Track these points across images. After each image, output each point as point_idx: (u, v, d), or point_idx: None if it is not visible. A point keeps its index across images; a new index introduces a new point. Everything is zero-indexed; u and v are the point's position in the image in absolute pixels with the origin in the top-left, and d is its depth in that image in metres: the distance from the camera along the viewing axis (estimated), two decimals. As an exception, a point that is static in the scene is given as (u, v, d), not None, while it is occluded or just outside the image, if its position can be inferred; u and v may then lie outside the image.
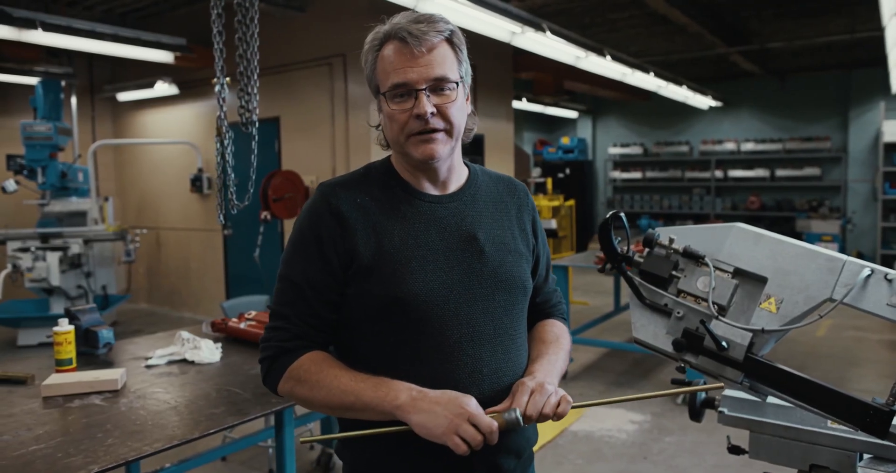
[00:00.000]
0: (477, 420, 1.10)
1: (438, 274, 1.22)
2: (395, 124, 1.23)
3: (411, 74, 1.19)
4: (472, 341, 1.22)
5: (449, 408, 1.10)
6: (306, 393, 1.21)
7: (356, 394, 1.16)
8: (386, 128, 1.27)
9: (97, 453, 1.56)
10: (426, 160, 1.23)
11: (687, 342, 1.29)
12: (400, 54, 1.20)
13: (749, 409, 1.46)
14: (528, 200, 1.44)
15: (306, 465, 3.54)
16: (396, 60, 1.20)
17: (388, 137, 1.28)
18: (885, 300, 1.15)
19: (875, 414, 1.12)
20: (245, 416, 1.84)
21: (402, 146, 1.24)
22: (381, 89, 1.24)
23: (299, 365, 1.22)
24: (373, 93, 1.29)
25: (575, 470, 3.51)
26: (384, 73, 1.22)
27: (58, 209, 6.51)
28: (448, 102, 1.22)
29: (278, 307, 1.26)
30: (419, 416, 1.11)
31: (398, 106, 1.21)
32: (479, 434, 1.09)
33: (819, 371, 5.15)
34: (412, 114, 1.20)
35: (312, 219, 1.25)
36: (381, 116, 1.30)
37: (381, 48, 1.24)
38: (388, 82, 1.21)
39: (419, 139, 1.22)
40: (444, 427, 1.09)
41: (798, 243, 1.25)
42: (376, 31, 1.25)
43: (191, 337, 2.50)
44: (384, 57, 1.23)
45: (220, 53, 2.65)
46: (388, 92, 1.22)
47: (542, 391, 1.18)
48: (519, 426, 1.14)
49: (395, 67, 1.20)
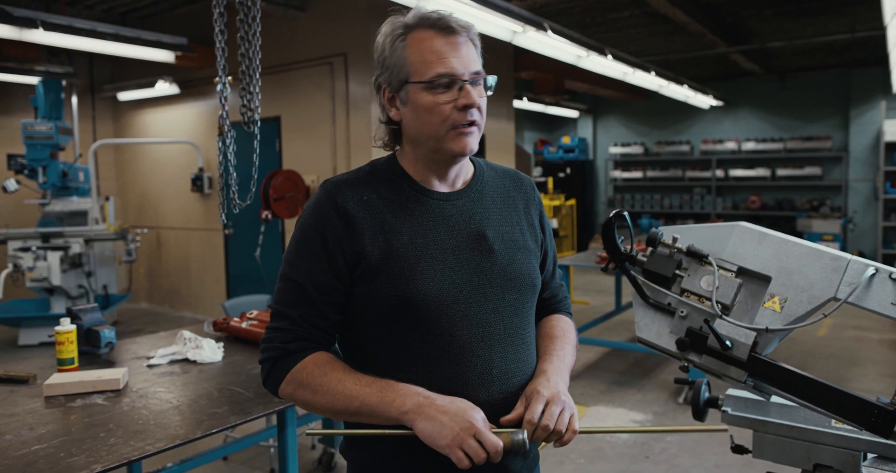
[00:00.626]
0: (482, 437, 1.07)
1: (448, 274, 1.20)
2: (435, 116, 1.18)
3: (457, 64, 1.16)
4: (482, 342, 1.20)
5: (456, 420, 1.07)
6: (309, 398, 1.18)
7: (361, 399, 1.13)
8: (415, 121, 1.21)
9: (99, 452, 1.56)
10: (462, 154, 1.21)
11: (690, 342, 1.29)
12: (442, 43, 1.17)
13: (753, 408, 1.45)
14: (534, 194, 1.41)
15: (308, 464, 3.54)
16: (440, 49, 1.16)
17: (421, 131, 1.21)
18: (889, 299, 1.14)
19: (880, 414, 1.12)
20: (247, 416, 1.84)
21: (438, 140, 1.20)
22: (413, 78, 1.18)
23: (302, 368, 1.18)
24: (393, 83, 1.21)
25: (577, 470, 3.51)
26: (422, 61, 1.17)
27: (58, 209, 6.50)
28: (483, 97, 1.20)
29: (281, 307, 1.22)
30: (425, 423, 1.08)
31: (443, 96, 1.17)
32: (483, 451, 1.06)
33: (820, 371, 5.15)
34: (456, 105, 1.17)
35: (317, 218, 1.21)
36: (395, 111, 1.23)
37: (407, 36, 1.18)
38: (429, 71, 1.16)
39: (458, 132, 1.19)
40: (448, 439, 1.06)
41: (802, 243, 1.25)
42: (395, 20, 1.21)
43: (193, 337, 2.50)
44: (420, 44, 1.17)
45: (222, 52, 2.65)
46: (428, 81, 1.16)
47: (558, 401, 1.16)
48: (525, 449, 1.11)
49: (438, 56, 1.16)
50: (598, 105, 13.23)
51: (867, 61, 9.97)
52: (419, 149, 1.24)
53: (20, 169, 6.27)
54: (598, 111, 13.38)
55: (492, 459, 1.08)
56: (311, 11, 6.15)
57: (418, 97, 1.18)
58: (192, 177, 7.32)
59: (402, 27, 1.19)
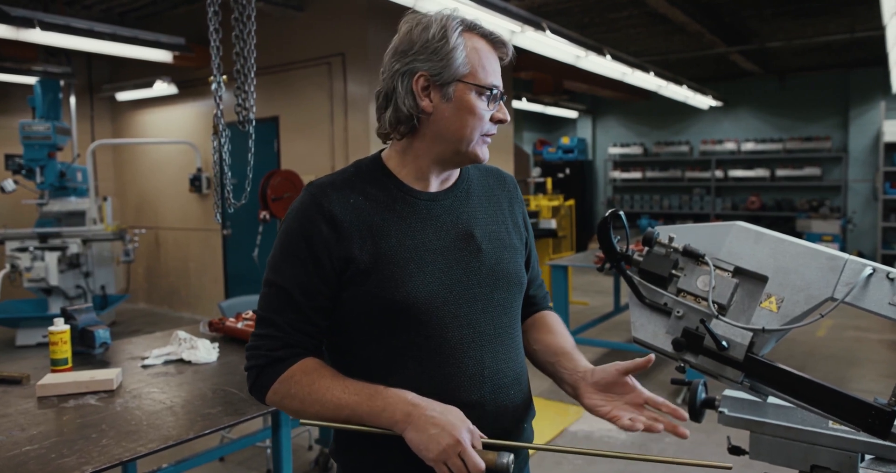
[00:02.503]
0: (466, 456, 1.06)
1: (437, 275, 1.19)
2: (476, 121, 1.20)
3: (499, 80, 1.22)
4: (472, 342, 1.20)
5: (444, 436, 1.06)
6: (298, 407, 1.16)
7: (351, 408, 1.12)
8: (455, 119, 1.19)
9: (91, 453, 1.55)
10: (481, 161, 1.26)
11: (687, 342, 1.28)
12: (492, 57, 1.22)
13: (749, 409, 1.44)
14: (517, 192, 1.42)
15: (304, 465, 3.53)
16: (492, 61, 1.22)
17: (454, 130, 1.19)
18: (886, 299, 1.13)
19: (877, 415, 1.11)
20: (241, 416, 1.82)
21: (466, 143, 1.21)
22: (468, 79, 1.18)
23: (290, 377, 1.16)
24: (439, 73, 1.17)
25: (574, 470, 3.50)
26: (482, 67, 1.19)
27: (56, 209, 6.49)
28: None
29: (266, 313, 1.20)
30: (413, 434, 1.08)
31: (490, 105, 1.21)
32: (465, 470, 1.06)
33: (819, 371, 5.14)
34: (493, 117, 1.22)
35: (302, 222, 1.18)
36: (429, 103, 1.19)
37: (464, 35, 1.19)
38: (486, 78, 1.19)
39: (483, 141, 1.23)
40: (434, 453, 1.06)
41: (799, 242, 1.24)
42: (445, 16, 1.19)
43: (188, 337, 2.49)
44: (479, 49, 1.20)
45: (217, 51, 2.64)
46: (485, 86, 1.19)
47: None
48: (508, 472, 1.10)
49: (492, 68, 1.21)
50: (597, 105, 13.22)
51: (867, 61, 9.97)
52: (440, 146, 1.22)
53: (18, 169, 6.26)
54: (597, 112, 13.37)
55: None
56: (309, 11, 6.14)
57: (468, 97, 1.18)
58: (191, 177, 7.31)
59: (461, 24, 1.19)
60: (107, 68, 8.23)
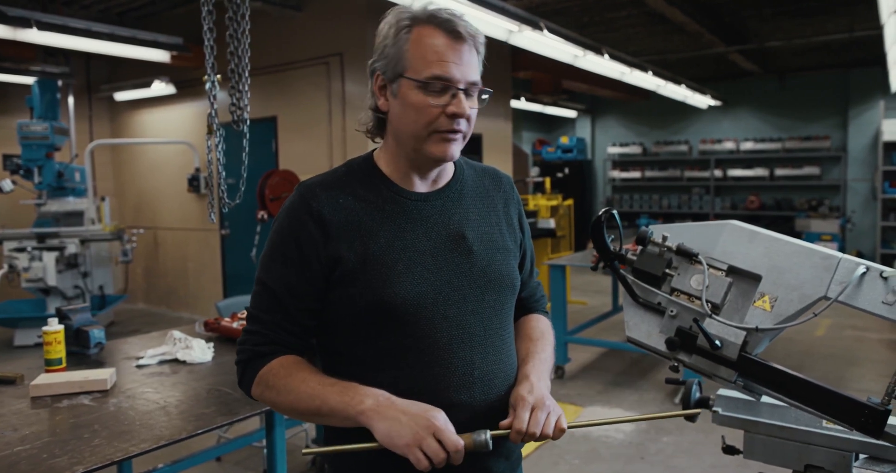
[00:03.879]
0: (443, 436, 1.05)
1: (426, 276, 1.18)
2: (421, 117, 1.15)
3: (455, 71, 1.14)
4: (462, 343, 1.19)
5: (416, 420, 1.05)
6: (275, 397, 1.17)
7: (322, 398, 1.11)
8: (400, 116, 1.18)
9: (83, 453, 1.54)
10: (442, 159, 1.19)
11: (680, 341, 1.27)
12: (446, 46, 1.14)
13: (743, 409, 1.44)
14: (513, 193, 1.40)
15: (301, 465, 3.52)
16: (442, 51, 1.14)
17: (403, 128, 1.19)
18: (880, 298, 1.13)
19: (870, 414, 1.11)
20: (235, 416, 1.82)
21: (418, 140, 1.17)
22: (408, 73, 1.15)
23: (269, 370, 1.18)
24: (388, 72, 1.18)
25: (571, 470, 3.49)
26: (422, 58, 1.14)
27: (54, 209, 6.49)
28: (474, 108, 1.18)
29: (255, 311, 1.22)
30: (383, 423, 1.06)
31: (434, 99, 1.14)
32: (442, 451, 1.04)
33: (818, 371, 5.13)
34: (445, 111, 1.15)
35: (292, 222, 1.19)
36: (384, 101, 1.20)
37: (413, 29, 1.15)
38: (426, 71, 1.13)
39: (441, 137, 1.17)
40: (407, 439, 1.04)
41: (793, 241, 1.23)
42: (400, 10, 1.18)
43: (183, 337, 2.48)
44: (425, 42, 1.14)
45: (211, 51, 2.63)
46: (423, 81, 1.14)
47: (543, 407, 1.15)
48: (487, 449, 1.09)
49: (438, 58, 1.13)
50: (596, 105, 13.22)
51: (866, 61, 9.96)
52: (401, 146, 1.22)
53: (16, 169, 6.25)
54: (596, 111, 13.37)
55: (452, 460, 1.06)
56: (307, 11, 6.13)
57: (409, 94, 1.15)
58: (189, 177, 7.30)
59: (410, 19, 1.16)
60: (105, 68, 8.22)
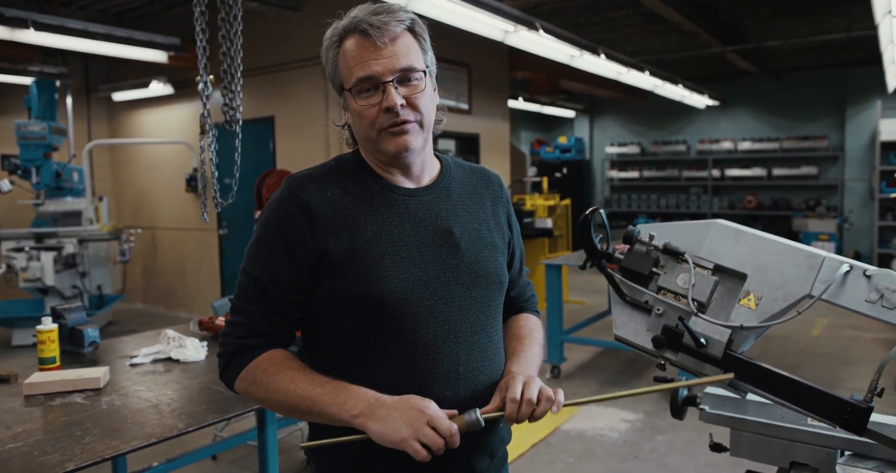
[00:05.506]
0: (436, 422, 1.07)
1: (413, 271, 1.18)
2: (364, 120, 1.19)
3: (376, 66, 1.16)
4: (447, 339, 1.19)
5: (407, 413, 1.07)
6: (262, 395, 1.18)
7: (313, 400, 1.12)
8: (354, 125, 1.24)
9: (74, 451, 1.55)
10: (400, 153, 1.20)
11: (666, 339, 1.28)
12: (362, 47, 1.16)
13: (730, 406, 1.45)
14: (502, 191, 1.41)
15: (296, 464, 3.53)
16: (359, 54, 1.17)
17: (358, 135, 1.24)
18: (863, 297, 1.14)
19: (853, 411, 1.12)
20: (226, 414, 1.82)
21: (373, 142, 1.21)
22: (345, 86, 1.20)
23: (256, 365, 1.18)
24: (336, 91, 1.25)
25: (566, 469, 3.50)
26: (347, 68, 1.19)
27: (52, 209, 6.49)
28: (417, 93, 1.18)
29: (239, 301, 1.22)
30: (377, 424, 1.08)
31: (365, 101, 1.17)
32: (439, 437, 1.06)
33: (813, 371, 5.14)
34: (381, 108, 1.16)
35: (279, 214, 1.20)
36: (346, 115, 1.27)
37: (342, 43, 1.20)
38: (352, 77, 1.18)
39: (390, 133, 1.18)
40: (403, 433, 1.06)
41: (778, 240, 1.24)
42: (334, 26, 1.21)
43: (176, 335, 2.49)
44: (346, 52, 1.19)
45: (204, 51, 2.64)
46: (353, 87, 1.18)
47: (534, 381, 1.16)
48: (479, 426, 1.11)
49: (358, 61, 1.17)
50: (594, 105, 13.23)
51: (863, 61, 9.97)
52: (368, 152, 1.27)
53: (14, 169, 6.25)
54: (594, 111, 13.38)
55: (449, 444, 1.08)
56: (304, 11, 6.14)
57: (350, 104, 1.20)
58: (187, 177, 7.31)
59: (337, 36, 1.21)
60: (103, 69, 8.22)
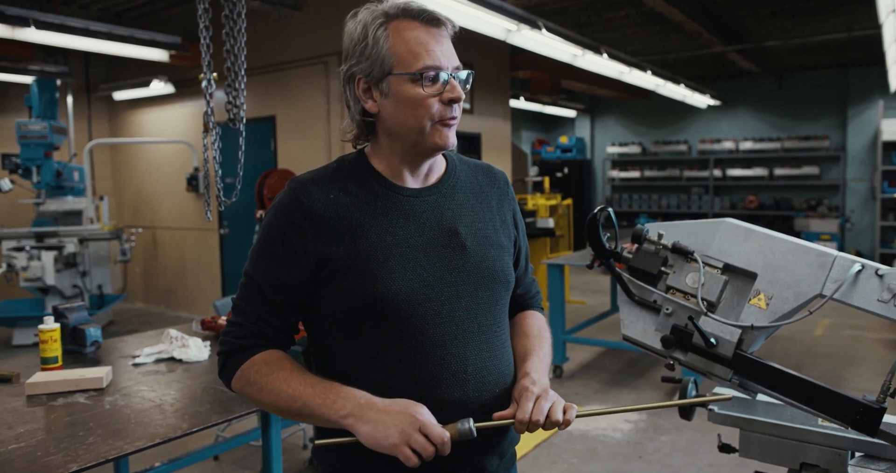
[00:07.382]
0: (428, 430, 1.05)
1: (419, 271, 1.17)
2: (421, 109, 1.14)
3: (443, 57, 1.14)
4: (455, 340, 1.18)
5: (399, 418, 1.05)
6: (255, 395, 1.17)
7: (303, 400, 1.11)
8: (399, 113, 1.16)
9: (77, 451, 1.53)
10: (444, 148, 1.19)
11: (675, 339, 1.27)
12: (429, 35, 1.14)
13: (739, 407, 1.43)
14: (508, 189, 1.39)
15: (298, 464, 3.52)
16: (427, 40, 1.14)
17: (403, 124, 1.17)
18: (875, 296, 1.13)
19: (865, 412, 1.11)
20: (230, 414, 1.81)
21: (420, 133, 1.16)
22: (398, 69, 1.14)
23: (251, 365, 1.17)
24: (369, 74, 1.16)
25: (569, 469, 3.49)
26: (409, 52, 1.13)
27: (53, 208, 6.48)
28: (466, 92, 1.18)
29: (239, 302, 1.22)
30: (367, 427, 1.06)
31: (430, 89, 1.14)
32: (430, 445, 1.04)
33: (817, 370, 5.13)
34: (442, 99, 1.15)
35: (281, 218, 1.19)
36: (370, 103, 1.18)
37: (389, 26, 1.15)
38: (417, 63, 1.13)
39: (442, 125, 1.16)
40: (394, 438, 1.04)
41: (788, 239, 1.23)
42: (371, 10, 1.17)
43: (179, 335, 2.47)
44: (407, 35, 1.14)
45: (207, 49, 2.63)
46: (415, 73, 1.13)
47: (547, 396, 1.14)
48: (472, 437, 1.08)
49: (426, 48, 1.13)
50: (595, 105, 13.22)
51: (864, 60, 9.96)
52: (397, 143, 1.21)
53: (14, 168, 6.24)
54: (595, 111, 13.37)
55: (440, 452, 1.06)
56: (305, 10, 6.12)
57: (403, 89, 1.14)
58: (188, 177, 7.30)
59: (383, 16, 1.15)
60: (104, 68, 8.21)
